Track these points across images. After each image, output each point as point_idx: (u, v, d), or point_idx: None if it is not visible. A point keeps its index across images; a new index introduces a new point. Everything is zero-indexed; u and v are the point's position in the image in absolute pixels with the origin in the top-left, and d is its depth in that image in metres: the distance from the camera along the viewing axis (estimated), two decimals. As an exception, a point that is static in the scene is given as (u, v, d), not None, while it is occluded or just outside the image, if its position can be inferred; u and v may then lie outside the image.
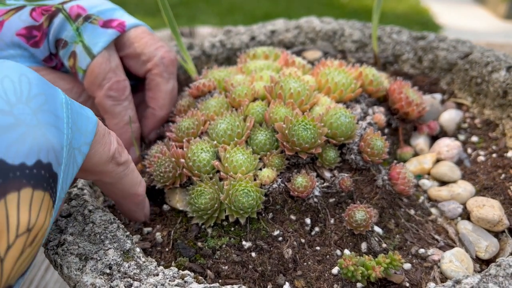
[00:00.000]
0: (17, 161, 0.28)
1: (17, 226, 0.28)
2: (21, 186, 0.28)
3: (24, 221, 0.28)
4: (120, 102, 0.52)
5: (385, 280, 0.41)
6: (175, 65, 0.57)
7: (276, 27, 0.78)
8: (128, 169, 0.41)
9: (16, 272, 0.29)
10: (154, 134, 0.58)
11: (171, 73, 0.56)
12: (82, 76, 0.50)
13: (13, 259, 0.28)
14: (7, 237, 0.27)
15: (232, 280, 0.41)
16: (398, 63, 0.72)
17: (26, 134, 0.28)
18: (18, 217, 0.28)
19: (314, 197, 0.45)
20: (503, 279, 0.34)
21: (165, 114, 0.56)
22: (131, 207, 0.44)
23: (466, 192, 0.50)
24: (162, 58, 0.54)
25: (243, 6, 3.01)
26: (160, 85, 0.55)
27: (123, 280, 0.36)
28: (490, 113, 0.61)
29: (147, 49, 0.54)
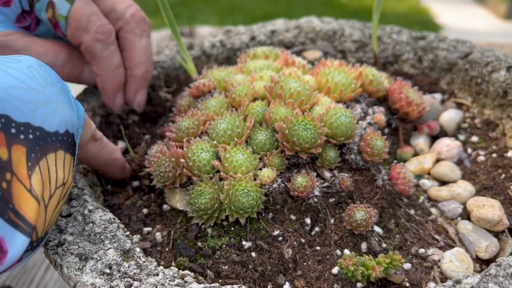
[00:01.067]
0: (53, 129, 0.34)
1: (56, 180, 0.35)
2: (56, 149, 0.34)
3: (60, 176, 0.35)
4: (107, 46, 0.52)
5: (385, 280, 0.41)
6: (146, 22, 0.56)
7: (276, 27, 0.78)
8: (103, 142, 0.46)
9: (53, 219, 0.35)
10: (140, 96, 0.57)
11: (143, 30, 0.55)
12: (64, 24, 0.50)
13: (53, 207, 0.35)
14: (49, 188, 0.34)
15: (232, 280, 0.41)
16: (398, 63, 0.72)
17: (56, 109, 0.35)
18: (56, 173, 0.35)
19: (314, 197, 0.45)
20: (503, 279, 0.34)
21: (143, 72, 0.56)
22: (115, 170, 0.50)
23: (466, 192, 0.50)
24: (132, 15, 0.54)
25: (243, 6, 3.01)
26: (134, 42, 0.54)
27: (123, 280, 0.36)
28: (490, 113, 0.61)
29: (118, 6, 0.54)
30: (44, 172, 0.33)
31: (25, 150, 0.32)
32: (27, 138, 0.32)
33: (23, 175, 0.32)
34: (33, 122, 0.33)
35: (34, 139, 0.32)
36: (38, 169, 0.33)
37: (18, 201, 0.31)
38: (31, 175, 0.32)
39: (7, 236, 0.31)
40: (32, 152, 0.32)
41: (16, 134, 0.31)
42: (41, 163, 0.33)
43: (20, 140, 0.31)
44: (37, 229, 0.33)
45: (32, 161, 0.32)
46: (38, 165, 0.33)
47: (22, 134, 0.32)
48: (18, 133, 0.31)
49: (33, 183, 0.32)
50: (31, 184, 0.32)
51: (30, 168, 0.32)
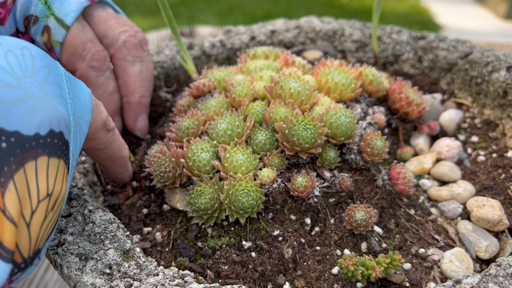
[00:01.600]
0: (32, 132, 0.29)
1: (37, 192, 0.30)
2: (37, 155, 0.30)
3: (43, 187, 0.30)
4: (102, 73, 0.52)
5: (385, 280, 0.41)
6: (139, 48, 0.55)
7: (276, 27, 0.78)
8: (115, 134, 0.43)
9: (43, 236, 0.32)
10: (141, 122, 0.57)
11: (135, 56, 0.55)
12: (59, 49, 0.50)
13: (38, 223, 0.30)
14: (30, 203, 0.29)
15: (232, 280, 0.41)
16: (398, 63, 0.72)
17: (36, 106, 0.30)
18: (37, 184, 0.30)
19: (314, 197, 0.45)
20: (503, 279, 0.34)
21: (139, 98, 0.55)
22: (118, 169, 0.47)
23: (466, 192, 0.50)
24: (124, 42, 0.54)
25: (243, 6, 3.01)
26: (126, 69, 0.54)
27: (123, 280, 0.36)
28: (490, 113, 0.61)
29: (110, 32, 0.53)
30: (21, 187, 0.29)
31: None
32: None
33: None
34: (7, 126, 0.28)
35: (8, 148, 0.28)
36: (12, 185, 0.28)
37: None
38: (4, 194, 0.28)
39: None
40: (4, 166, 0.28)
41: None
42: (17, 176, 0.29)
43: None
44: (21, 251, 0.29)
45: (5, 175, 0.28)
46: (13, 179, 0.28)
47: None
48: None
49: (7, 203, 0.28)
50: (5, 205, 0.28)
51: (3, 185, 0.28)
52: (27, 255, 0.30)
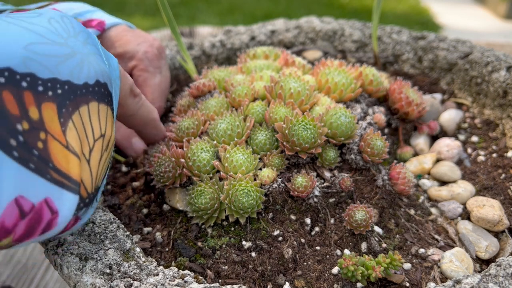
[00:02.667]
0: (81, 81, 0.33)
1: (92, 132, 0.34)
2: (88, 101, 0.33)
3: (96, 128, 0.34)
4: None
5: (385, 280, 0.41)
6: (159, 58, 0.57)
7: (276, 27, 0.78)
8: (141, 99, 0.45)
9: (100, 173, 0.35)
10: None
11: (156, 67, 0.56)
12: None
13: (96, 161, 0.34)
14: (87, 141, 0.33)
15: (232, 280, 0.41)
16: (398, 63, 0.72)
17: (83, 60, 0.33)
18: (91, 125, 0.34)
19: (314, 197, 0.45)
20: (503, 279, 0.34)
21: (157, 108, 0.56)
22: (152, 131, 0.50)
23: (466, 192, 0.50)
24: (145, 52, 0.55)
25: (243, 6, 3.01)
26: (147, 80, 0.55)
27: (123, 280, 0.36)
28: (490, 113, 0.61)
29: (129, 47, 0.54)
30: (78, 126, 0.32)
31: (55, 106, 0.31)
32: (55, 94, 0.31)
33: (57, 133, 0.31)
34: (60, 76, 0.31)
35: (63, 94, 0.31)
36: (72, 124, 0.32)
37: (57, 159, 0.30)
38: (66, 131, 0.31)
39: (54, 196, 0.30)
40: (62, 108, 0.31)
41: (44, 92, 0.30)
42: (74, 117, 0.32)
43: (48, 97, 0.30)
44: (85, 185, 0.33)
45: (64, 116, 0.31)
46: (71, 119, 0.32)
47: (50, 90, 0.30)
48: (46, 90, 0.30)
49: (69, 139, 0.31)
50: (67, 141, 0.31)
51: (63, 124, 0.31)
52: (90, 190, 0.33)
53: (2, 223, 0.28)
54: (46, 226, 0.31)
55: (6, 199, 0.28)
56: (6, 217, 0.28)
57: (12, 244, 0.31)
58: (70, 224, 0.33)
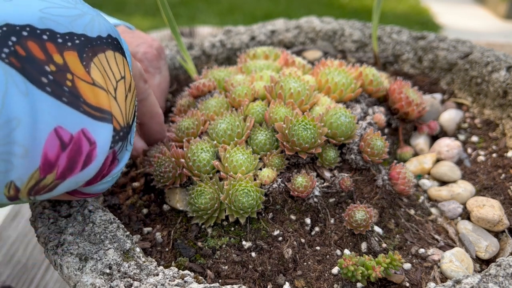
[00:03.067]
0: (95, 34, 0.35)
1: (113, 74, 0.36)
2: (104, 50, 0.35)
3: (116, 71, 0.36)
4: None
5: (385, 280, 0.41)
6: (159, 59, 0.57)
7: (276, 27, 0.78)
8: (150, 88, 0.46)
9: (128, 111, 0.37)
10: None
11: (156, 68, 0.56)
12: None
13: (122, 98, 0.36)
14: (110, 82, 0.35)
15: (232, 280, 0.41)
16: (398, 63, 0.72)
17: (93, 18, 0.36)
18: (111, 68, 0.36)
19: (314, 197, 0.45)
20: (503, 279, 0.34)
21: None
22: (157, 127, 0.50)
23: (466, 192, 0.50)
24: (144, 53, 0.55)
25: (243, 6, 3.01)
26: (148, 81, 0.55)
27: (123, 280, 0.36)
28: (490, 113, 0.61)
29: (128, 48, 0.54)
30: (100, 68, 0.34)
31: (76, 53, 0.33)
32: (74, 44, 0.33)
33: (82, 74, 0.33)
34: (75, 30, 0.34)
35: (81, 44, 0.34)
36: (94, 66, 0.34)
37: (86, 95, 0.32)
38: (90, 71, 0.33)
39: (89, 127, 0.32)
40: (83, 53, 0.33)
41: (63, 43, 0.32)
42: (95, 60, 0.34)
43: (68, 46, 0.33)
44: (116, 118, 0.34)
45: (86, 60, 0.33)
46: (93, 62, 0.34)
47: (69, 41, 0.33)
48: (65, 42, 0.33)
49: (94, 77, 0.33)
50: (93, 78, 0.33)
51: (86, 66, 0.33)
52: (122, 123, 0.35)
53: (45, 155, 0.30)
54: (87, 158, 0.32)
55: (47, 129, 0.30)
56: (48, 149, 0.30)
57: (56, 182, 0.32)
58: (108, 162, 0.35)
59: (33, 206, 0.44)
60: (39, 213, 0.43)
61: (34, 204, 0.44)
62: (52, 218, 0.42)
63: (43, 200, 0.36)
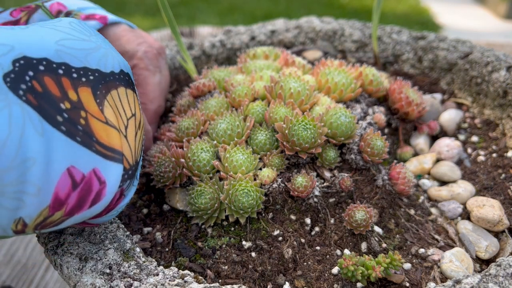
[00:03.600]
0: (108, 69, 0.36)
1: (124, 112, 0.37)
2: (116, 86, 0.36)
3: (127, 109, 0.37)
4: None
5: (385, 280, 0.41)
6: (159, 57, 0.57)
7: (276, 27, 0.78)
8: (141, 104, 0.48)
9: (137, 148, 0.38)
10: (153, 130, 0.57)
11: (156, 66, 0.57)
12: None
13: (132, 136, 0.37)
14: (121, 120, 0.36)
15: (232, 280, 0.41)
16: (398, 63, 0.72)
17: (106, 52, 0.36)
18: (122, 106, 0.36)
19: (314, 197, 0.45)
20: (503, 279, 0.34)
21: (157, 107, 0.56)
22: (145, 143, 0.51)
23: (466, 192, 0.50)
24: (145, 52, 0.55)
25: (243, 6, 3.01)
26: (148, 79, 0.56)
27: (123, 280, 0.36)
28: (490, 113, 0.61)
29: (129, 46, 0.55)
30: (113, 106, 0.35)
31: (90, 90, 0.34)
32: (88, 80, 0.34)
33: (95, 111, 0.33)
34: (89, 65, 0.34)
35: (95, 80, 0.34)
36: (107, 104, 0.35)
37: (99, 134, 0.33)
38: (103, 109, 0.34)
39: (100, 166, 0.33)
40: (97, 91, 0.34)
41: (78, 78, 0.33)
42: (108, 98, 0.35)
43: (83, 82, 0.33)
44: (126, 157, 0.35)
45: (99, 97, 0.34)
46: (106, 100, 0.35)
47: (83, 77, 0.33)
48: (79, 77, 0.33)
49: (107, 116, 0.34)
50: (106, 117, 0.34)
51: (100, 104, 0.34)
52: (131, 162, 0.36)
53: (56, 194, 0.31)
54: (96, 196, 0.33)
55: (60, 169, 0.30)
56: (60, 188, 0.31)
57: (63, 218, 0.32)
58: (116, 199, 0.35)
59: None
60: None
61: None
62: (52, 218, 0.42)
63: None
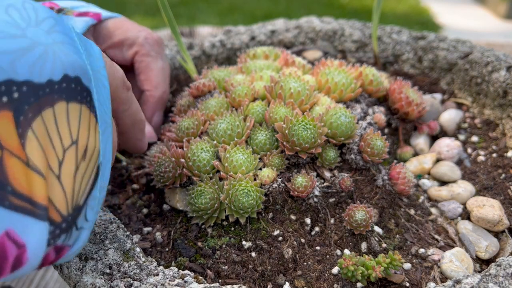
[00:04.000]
0: (44, 79, 0.27)
1: (60, 140, 0.28)
2: (54, 101, 0.28)
3: (65, 134, 0.28)
4: None
5: (385, 280, 0.41)
6: (160, 45, 0.57)
7: (276, 27, 0.78)
8: (133, 95, 0.40)
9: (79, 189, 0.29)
10: (157, 117, 0.57)
11: (158, 52, 0.56)
12: None
13: (69, 175, 0.29)
14: (54, 153, 0.28)
15: (232, 280, 0.41)
16: (398, 63, 0.72)
17: (45, 52, 0.28)
18: (58, 131, 0.28)
19: (314, 197, 0.45)
20: (503, 279, 0.34)
21: (161, 93, 0.56)
22: (138, 134, 0.44)
23: (466, 192, 0.50)
24: (146, 38, 0.55)
25: (243, 6, 3.01)
26: (150, 64, 0.55)
27: (123, 280, 0.36)
28: (490, 113, 0.61)
29: (130, 33, 0.54)
30: (41, 136, 0.27)
31: (11, 114, 0.26)
32: (11, 100, 0.26)
33: (15, 147, 0.26)
34: (16, 76, 0.26)
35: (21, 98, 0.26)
36: (32, 135, 0.27)
37: (17, 180, 0.26)
38: (25, 144, 0.26)
39: (16, 227, 0.25)
40: (20, 115, 0.26)
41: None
42: (35, 125, 0.27)
43: (3, 104, 0.25)
44: (56, 206, 0.28)
45: (23, 126, 0.26)
46: (31, 128, 0.27)
47: (3, 96, 0.25)
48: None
49: (29, 153, 0.26)
50: (28, 155, 0.26)
51: (22, 135, 0.26)
52: (65, 212, 0.28)
53: None
54: (16, 262, 0.26)
55: None
56: None
57: None
58: (52, 257, 0.29)
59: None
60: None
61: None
62: (52, 218, 0.42)
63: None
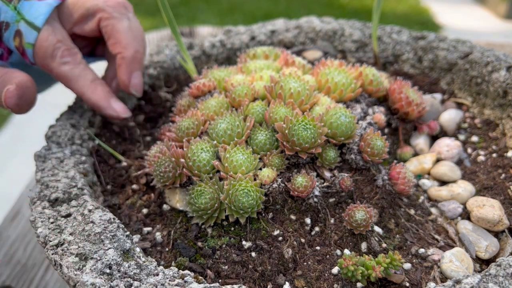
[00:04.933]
0: None
1: None
2: None
3: None
4: (76, 65, 0.52)
5: (385, 280, 0.41)
6: (124, 6, 0.55)
7: (276, 27, 0.78)
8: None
9: None
10: (135, 79, 0.56)
11: (121, 13, 0.55)
12: (32, 52, 0.51)
13: None
14: None
15: (232, 280, 0.41)
16: (398, 63, 0.72)
17: None
18: None
19: (314, 197, 0.45)
20: (503, 279, 0.34)
21: (133, 53, 0.54)
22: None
23: (466, 192, 0.50)
24: (105, 2, 0.54)
25: (243, 6, 3.01)
26: (116, 26, 0.54)
27: (123, 280, 0.36)
28: (490, 113, 0.61)
29: (88, 4, 0.54)
30: None
31: None
32: None
33: None
34: None
35: None
36: None
37: None
38: None
39: None
40: None
41: None
42: None
43: None
44: None
45: None
46: None
47: None
48: None
49: None
50: None
51: None
52: None
53: None
54: None
55: None
56: None
57: None
58: None
59: (33, 206, 0.44)
60: (39, 213, 0.43)
61: (34, 204, 0.44)
62: (52, 218, 0.42)
63: None
